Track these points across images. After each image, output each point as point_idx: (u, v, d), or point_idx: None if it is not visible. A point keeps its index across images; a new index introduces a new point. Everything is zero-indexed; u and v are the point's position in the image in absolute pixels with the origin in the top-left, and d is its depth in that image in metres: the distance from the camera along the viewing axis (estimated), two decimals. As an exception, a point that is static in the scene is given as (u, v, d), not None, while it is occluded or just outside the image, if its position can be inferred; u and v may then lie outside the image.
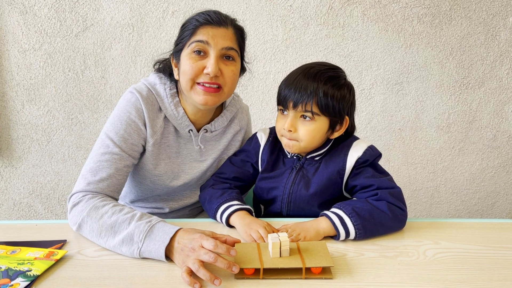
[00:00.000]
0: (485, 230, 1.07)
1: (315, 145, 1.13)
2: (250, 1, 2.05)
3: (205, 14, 1.13)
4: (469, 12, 2.12)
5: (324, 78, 1.06)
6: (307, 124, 1.08)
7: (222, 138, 1.30)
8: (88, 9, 2.03)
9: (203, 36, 1.09)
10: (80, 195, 1.05)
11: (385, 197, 1.04)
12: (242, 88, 2.16)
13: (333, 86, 1.07)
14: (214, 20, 1.11)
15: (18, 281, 0.82)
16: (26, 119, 2.16)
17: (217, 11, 1.15)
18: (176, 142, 1.23)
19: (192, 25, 1.12)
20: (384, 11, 2.10)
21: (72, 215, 1.03)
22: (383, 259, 0.92)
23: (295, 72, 1.11)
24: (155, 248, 0.89)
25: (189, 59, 1.10)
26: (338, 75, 1.10)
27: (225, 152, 1.32)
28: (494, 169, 2.39)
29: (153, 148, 1.18)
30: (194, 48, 1.10)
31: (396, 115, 2.26)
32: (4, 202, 2.31)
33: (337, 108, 1.08)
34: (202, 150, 1.26)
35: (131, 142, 1.13)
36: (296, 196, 1.14)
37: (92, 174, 1.08)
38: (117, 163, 1.10)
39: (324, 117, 1.08)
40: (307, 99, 1.05)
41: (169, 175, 1.24)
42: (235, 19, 1.18)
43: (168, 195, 1.31)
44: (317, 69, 1.08)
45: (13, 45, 2.06)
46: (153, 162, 1.20)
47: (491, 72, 2.21)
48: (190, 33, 1.12)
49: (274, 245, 0.85)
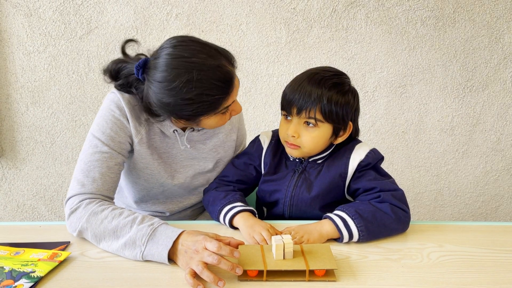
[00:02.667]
0: (489, 233, 1.07)
1: (318, 150, 1.13)
2: (254, 4, 2.06)
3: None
4: (473, 15, 2.12)
5: (329, 85, 1.06)
6: (310, 131, 1.08)
7: (213, 137, 1.27)
8: (93, 12, 2.04)
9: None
10: (77, 200, 1.03)
11: (388, 199, 1.04)
12: (245, 91, 2.16)
13: (337, 93, 1.06)
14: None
15: (22, 282, 0.82)
16: (30, 121, 2.17)
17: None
18: (163, 143, 1.21)
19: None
20: (387, 14, 2.10)
21: (71, 222, 1.02)
22: (387, 262, 0.92)
23: (299, 77, 1.11)
24: (158, 251, 0.89)
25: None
26: (343, 81, 1.09)
27: (220, 152, 1.29)
28: (498, 172, 2.38)
29: (139, 147, 1.16)
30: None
31: (399, 118, 2.26)
32: (8, 203, 2.31)
33: (340, 114, 1.07)
34: (190, 149, 1.23)
35: (118, 140, 1.12)
36: (298, 199, 1.14)
37: (84, 175, 1.07)
38: (108, 161, 1.10)
39: (327, 124, 1.08)
40: (311, 106, 1.05)
41: (162, 175, 1.22)
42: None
43: (166, 197, 1.29)
44: (321, 75, 1.07)
45: (18, 48, 2.07)
46: (142, 161, 1.18)
47: (495, 75, 2.21)
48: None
49: (278, 247, 0.85)
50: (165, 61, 1.00)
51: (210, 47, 1.03)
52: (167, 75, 0.99)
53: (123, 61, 1.12)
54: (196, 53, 1.00)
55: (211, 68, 0.99)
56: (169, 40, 1.04)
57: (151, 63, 1.03)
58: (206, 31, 2.08)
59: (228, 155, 1.32)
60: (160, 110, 1.05)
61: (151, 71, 1.02)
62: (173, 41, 1.03)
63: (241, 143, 1.38)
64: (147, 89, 1.04)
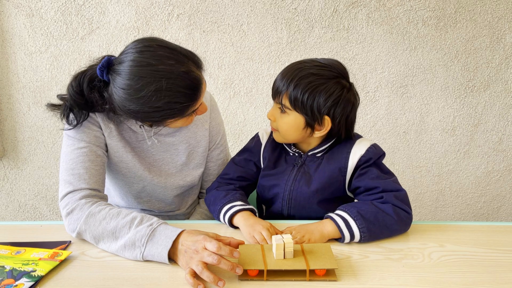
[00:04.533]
0: (491, 233, 1.07)
1: (295, 138, 1.13)
2: (255, 4, 2.06)
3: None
4: (474, 15, 2.11)
5: (303, 74, 1.05)
6: (282, 116, 1.11)
7: (183, 129, 1.25)
8: (94, 12, 2.04)
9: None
10: (71, 201, 1.03)
11: (390, 200, 1.03)
12: (246, 91, 2.16)
13: (310, 83, 1.04)
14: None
15: (23, 282, 0.82)
16: (32, 121, 2.18)
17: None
18: (133, 138, 1.20)
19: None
20: (388, 14, 2.10)
21: (68, 223, 1.02)
22: (388, 262, 0.92)
23: (288, 65, 1.12)
24: (157, 252, 0.89)
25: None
26: (322, 73, 1.05)
27: (192, 143, 1.27)
28: (500, 173, 2.38)
29: (110, 141, 1.16)
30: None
31: (400, 118, 2.26)
32: (10, 203, 2.32)
33: (309, 105, 1.05)
34: (158, 144, 1.22)
35: (93, 134, 1.12)
36: (297, 193, 1.14)
37: (69, 173, 1.07)
38: (88, 155, 1.10)
39: (296, 113, 1.08)
40: (281, 92, 1.08)
41: (138, 167, 1.20)
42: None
43: (149, 195, 1.28)
44: (303, 64, 1.08)
45: (20, 48, 2.07)
46: (116, 154, 1.18)
47: (496, 75, 2.20)
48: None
49: (278, 246, 0.85)
50: (131, 68, 0.96)
51: (177, 52, 1.00)
52: (133, 84, 0.96)
53: (81, 72, 1.09)
54: (164, 59, 0.97)
55: (179, 76, 0.97)
56: (133, 43, 1.00)
57: (115, 68, 0.99)
58: (207, 32, 2.08)
59: (202, 146, 1.29)
60: (125, 114, 1.04)
61: (115, 76, 0.99)
62: (139, 46, 0.98)
63: (218, 133, 1.34)
64: (111, 92, 1.01)
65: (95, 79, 1.05)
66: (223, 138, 1.37)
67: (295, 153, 1.18)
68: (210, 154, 1.34)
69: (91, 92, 1.06)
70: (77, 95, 1.06)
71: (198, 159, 1.30)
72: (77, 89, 1.06)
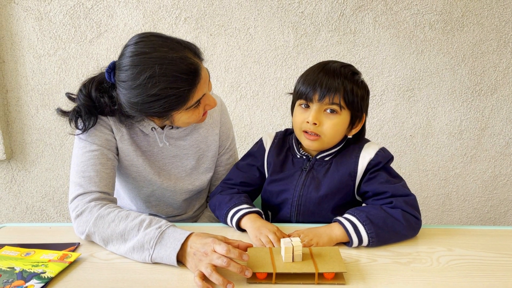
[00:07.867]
0: (499, 237, 1.06)
1: (336, 141, 1.12)
2: (262, 8, 2.06)
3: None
4: (481, 19, 2.11)
5: (349, 73, 1.08)
6: (331, 118, 1.07)
7: (193, 133, 1.26)
8: (102, 16, 2.05)
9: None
10: (81, 203, 1.04)
11: (400, 205, 1.03)
12: (253, 94, 2.17)
13: (356, 81, 1.08)
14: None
15: (33, 283, 0.83)
16: (40, 123, 2.19)
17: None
18: (144, 141, 1.21)
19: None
20: (395, 18, 2.10)
21: (78, 225, 1.03)
22: (396, 266, 0.92)
23: (315, 67, 1.12)
24: (166, 254, 0.90)
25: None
26: (357, 72, 1.12)
27: (202, 147, 1.28)
28: (507, 177, 2.36)
29: (122, 145, 1.17)
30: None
31: (407, 122, 2.25)
32: (17, 205, 2.33)
33: (359, 102, 1.08)
34: (170, 147, 1.23)
35: (104, 138, 1.13)
36: (306, 198, 1.13)
37: (80, 176, 1.09)
38: (99, 158, 1.11)
39: (347, 111, 1.08)
40: (335, 92, 1.05)
41: (148, 171, 1.22)
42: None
43: (159, 199, 1.29)
44: (339, 64, 1.10)
45: (29, 51, 2.09)
46: (127, 158, 1.19)
47: (503, 79, 2.20)
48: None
49: (287, 249, 0.85)
50: (128, 59, 0.99)
51: (172, 40, 1.01)
52: (130, 74, 0.98)
53: (91, 78, 1.11)
54: (157, 47, 0.98)
55: (173, 61, 0.97)
56: (131, 38, 1.03)
57: (117, 63, 1.03)
58: (214, 35, 2.09)
59: (212, 150, 1.30)
60: (130, 110, 1.04)
61: (117, 73, 1.02)
62: (135, 38, 1.01)
63: (228, 138, 1.36)
64: (117, 91, 1.04)
65: (104, 82, 1.08)
66: (233, 143, 1.38)
67: (303, 155, 1.18)
68: (220, 159, 1.34)
69: (101, 94, 1.08)
70: (86, 98, 1.08)
71: (208, 164, 1.30)
72: (86, 92, 1.09)
